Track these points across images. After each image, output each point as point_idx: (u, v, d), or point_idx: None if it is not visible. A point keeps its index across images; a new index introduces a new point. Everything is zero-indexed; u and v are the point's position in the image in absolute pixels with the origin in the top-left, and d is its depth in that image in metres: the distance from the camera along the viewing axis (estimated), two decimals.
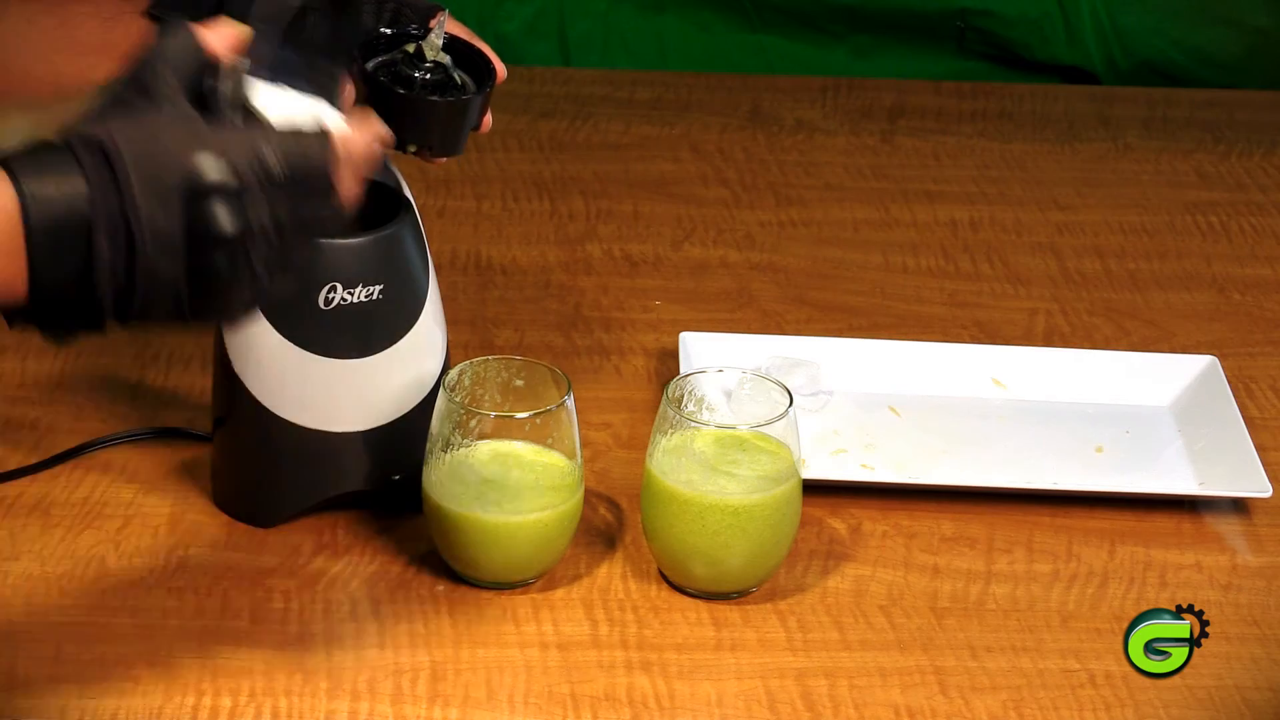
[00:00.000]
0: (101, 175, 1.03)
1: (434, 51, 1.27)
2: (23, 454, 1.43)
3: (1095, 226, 1.85)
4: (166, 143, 1.04)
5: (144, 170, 1.03)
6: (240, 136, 1.06)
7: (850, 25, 2.26)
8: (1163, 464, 1.50)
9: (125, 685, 1.23)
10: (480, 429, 1.31)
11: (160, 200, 1.03)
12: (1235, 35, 2.26)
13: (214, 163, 1.04)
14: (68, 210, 1.03)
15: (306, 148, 1.07)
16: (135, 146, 1.04)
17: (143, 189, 1.03)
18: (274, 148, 1.06)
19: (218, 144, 1.05)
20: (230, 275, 1.05)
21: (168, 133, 1.05)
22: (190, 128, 1.05)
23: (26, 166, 1.03)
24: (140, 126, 1.05)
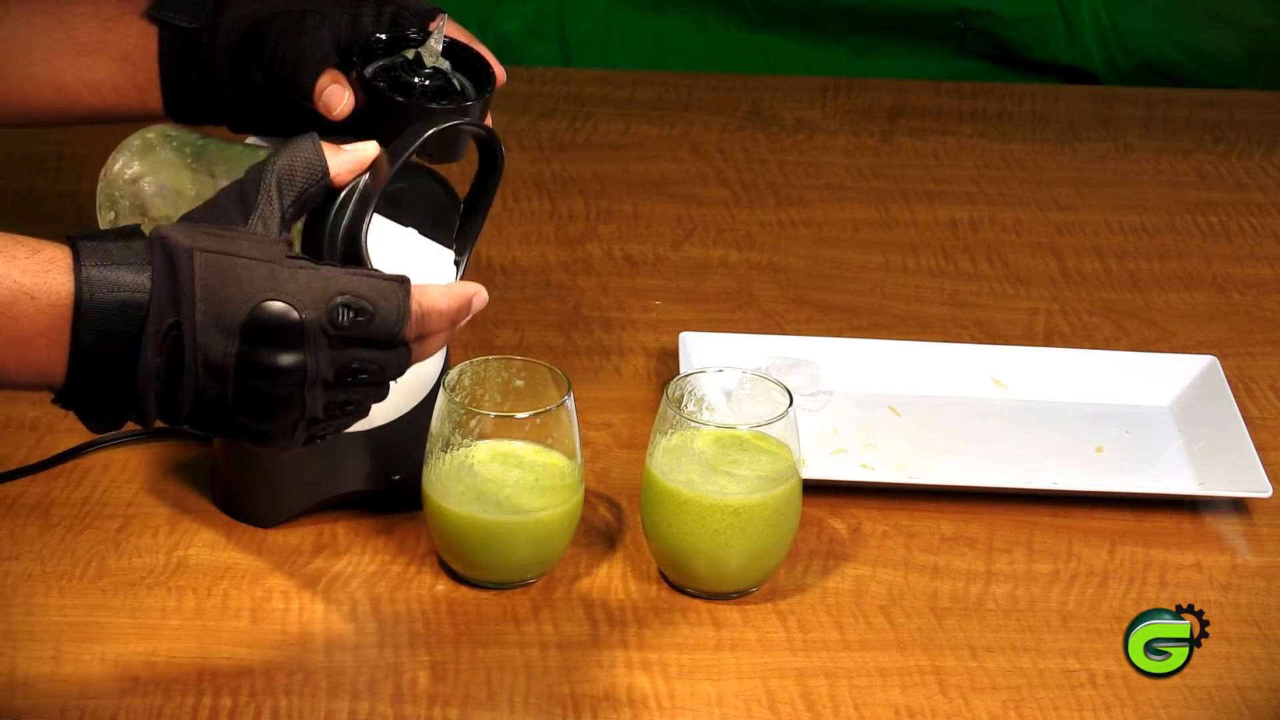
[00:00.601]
0: (165, 284, 1.02)
1: (433, 57, 1.27)
2: (23, 454, 1.43)
3: (1095, 226, 1.85)
4: (240, 275, 1.03)
5: (211, 296, 1.02)
6: (315, 284, 1.04)
7: (850, 25, 2.26)
8: (1163, 464, 1.50)
9: (125, 685, 1.23)
10: (480, 429, 1.31)
11: (219, 330, 1.03)
12: (1235, 35, 2.25)
13: (281, 307, 1.03)
14: (121, 307, 1.02)
15: (381, 305, 1.06)
16: (209, 270, 1.02)
17: (204, 315, 1.02)
18: (347, 301, 1.04)
19: (290, 288, 1.03)
20: (282, 411, 1.05)
21: (245, 265, 1.03)
22: (269, 265, 1.04)
23: (94, 252, 1.02)
24: (221, 250, 1.03)
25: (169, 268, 1.02)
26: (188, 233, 1.04)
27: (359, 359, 1.06)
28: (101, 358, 1.03)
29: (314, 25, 1.29)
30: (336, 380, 1.06)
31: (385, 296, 1.06)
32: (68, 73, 1.35)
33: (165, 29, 1.33)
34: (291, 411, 1.05)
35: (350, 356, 1.06)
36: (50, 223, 1.75)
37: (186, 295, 1.02)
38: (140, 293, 1.02)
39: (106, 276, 1.02)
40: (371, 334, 1.06)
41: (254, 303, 1.03)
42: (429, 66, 1.27)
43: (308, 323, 1.04)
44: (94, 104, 1.36)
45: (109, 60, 1.34)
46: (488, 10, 2.23)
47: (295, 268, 1.05)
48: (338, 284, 1.05)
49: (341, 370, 1.06)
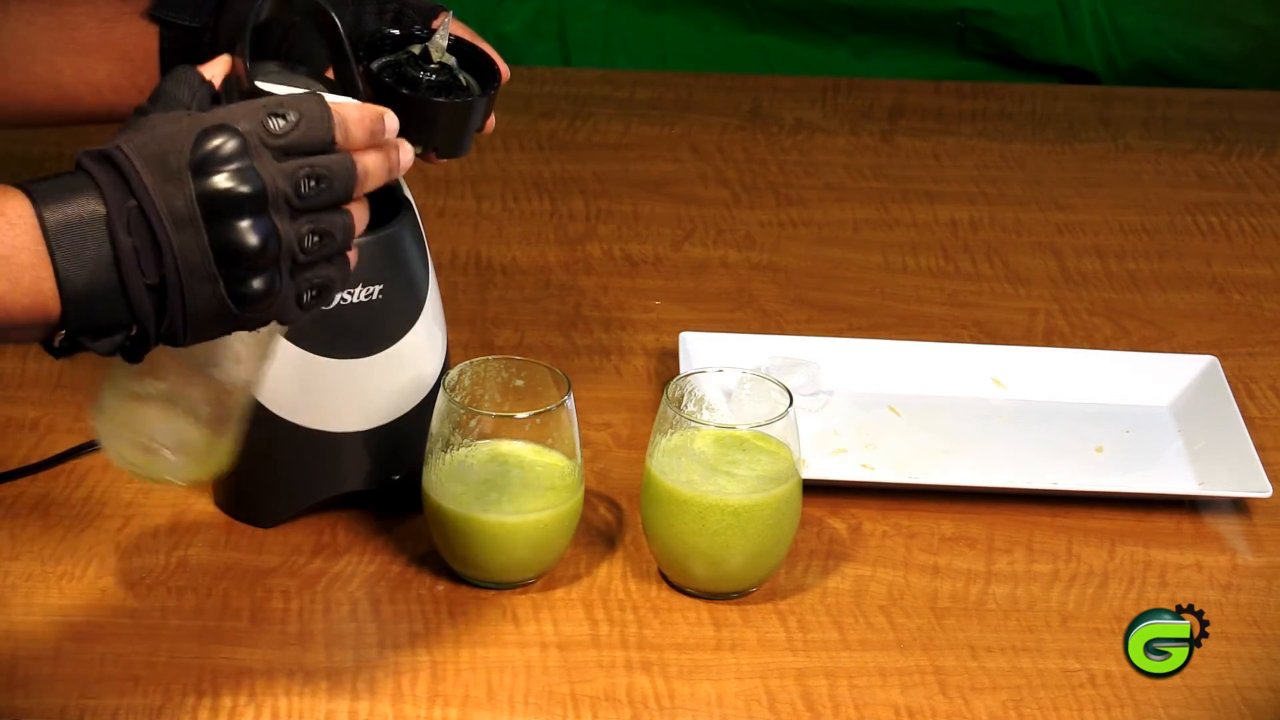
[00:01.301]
0: (110, 175, 1.04)
1: (439, 53, 1.27)
2: (23, 454, 1.43)
3: (1095, 226, 1.85)
4: (168, 131, 1.05)
5: (149, 160, 1.04)
6: (240, 107, 1.06)
7: (850, 25, 2.26)
8: (1163, 464, 1.50)
9: (125, 685, 1.23)
10: (480, 429, 1.31)
11: (170, 180, 1.04)
12: (1235, 35, 2.26)
13: (217, 132, 1.04)
14: (82, 211, 1.03)
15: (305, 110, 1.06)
16: (138, 143, 1.05)
17: (150, 175, 1.03)
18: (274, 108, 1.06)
19: (217, 117, 1.05)
20: (260, 246, 1.04)
21: (168, 126, 1.05)
22: (191, 117, 1.06)
23: (40, 185, 1.04)
24: (142, 129, 1.06)
25: (107, 164, 1.04)
26: (114, 139, 1.06)
27: (307, 168, 1.06)
28: (82, 260, 1.03)
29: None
30: (297, 195, 1.06)
31: (304, 101, 1.07)
32: (68, 73, 1.35)
33: (166, 28, 1.33)
34: (268, 242, 1.05)
35: (297, 166, 1.06)
36: None
37: (131, 173, 1.04)
38: (91, 192, 1.04)
39: (57, 187, 1.04)
40: (306, 138, 1.07)
41: (190, 138, 1.04)
42: (435, 62, 1.27)
43: (246, 134, 1.05)
44: (94, 104, 1.36)
45: (109, 60, 1.34)
46: (488, 10, 2.23)
47: (215, 109, 1.07)
48: (258, 101, 1.07)
49: (295, 184, 1.06)
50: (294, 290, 1.07)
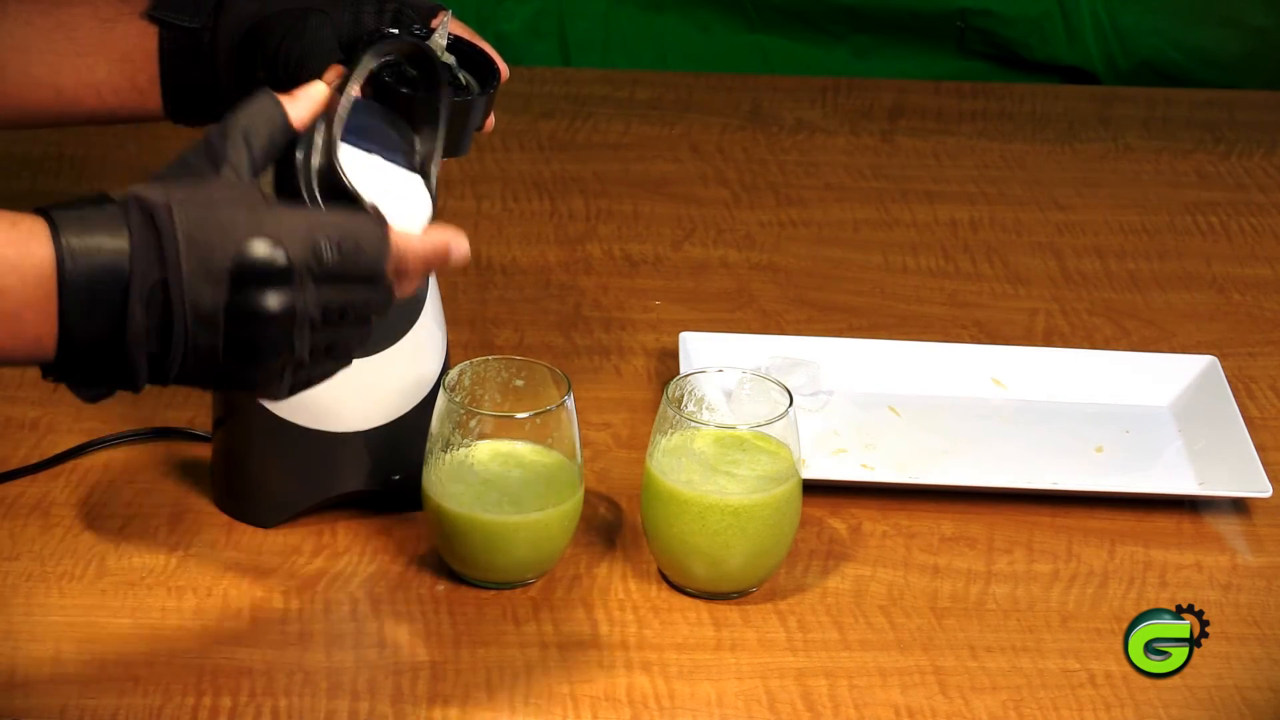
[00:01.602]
0: (146, 242, 1.01)
1: (439, 51, 1.27)
2: (23, 454, 1.43)
3: (1095, 226, 1.85)
4: (222, 221, 1.02)
5: (195, 247, 1.02)
6: (297, 222, 1.04)
7: (850, 25, 2.26)
8: (1163, 464, 1.50)
9: (125, 685, 1.23)
10: (480, 429, 1.31)
11: (207, 279, 1.02)
12: (1235, 35, 2.25)
13: (267, 249, 1.02)
14: (105, 271, 1.01)
15: (363, 241, 1.05)
16: (189, 221, 1.02)
17: (190, 266, 1.02)
18: (330, 237, 1.04)
19: (274, 228, 1.03)
20: (271, 354, 1.04)
21: (225, 211, 1.03)
22: (249, 208, 1.03)
23: (70, 220, 1.02)
24: (198, 200, 1.03)
25: (148, 225, 1.02)
26: (162, 189, 1.03)
27: (344, 297, 1.05)
28: (90, 323, 1.02)
29: (316, 24, 1.29)
30: (323, 319, 1.05)
31: (366, 232, 1.06)
32: (67, 74, 1.34)
33: (165, 29, 1.33)
34: (280, 355, 1.05)
35: (335, 294, 1.05)
36: None
37: (170, 249, 1.01)
38: (121, 254, 1.01)
39: (86, 243, 1.01)
40: (355, 270, 1.05)
41: (240, 246, 1.02)
42: None
43: (295, 261, 1.03)
44: (93, 105, 1.36)
45: (108, 61, 1.34)
46: (488, 10, 2.23)
47: (276, 208, 1.05)
48: (319, 221, 1.05)
49: (327, 309, 1.05)
50: (288, 382, 1.07)
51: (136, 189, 1.03)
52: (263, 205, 1.04)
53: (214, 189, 1.04)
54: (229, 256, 1.02)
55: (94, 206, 1.02)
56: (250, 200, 1.04)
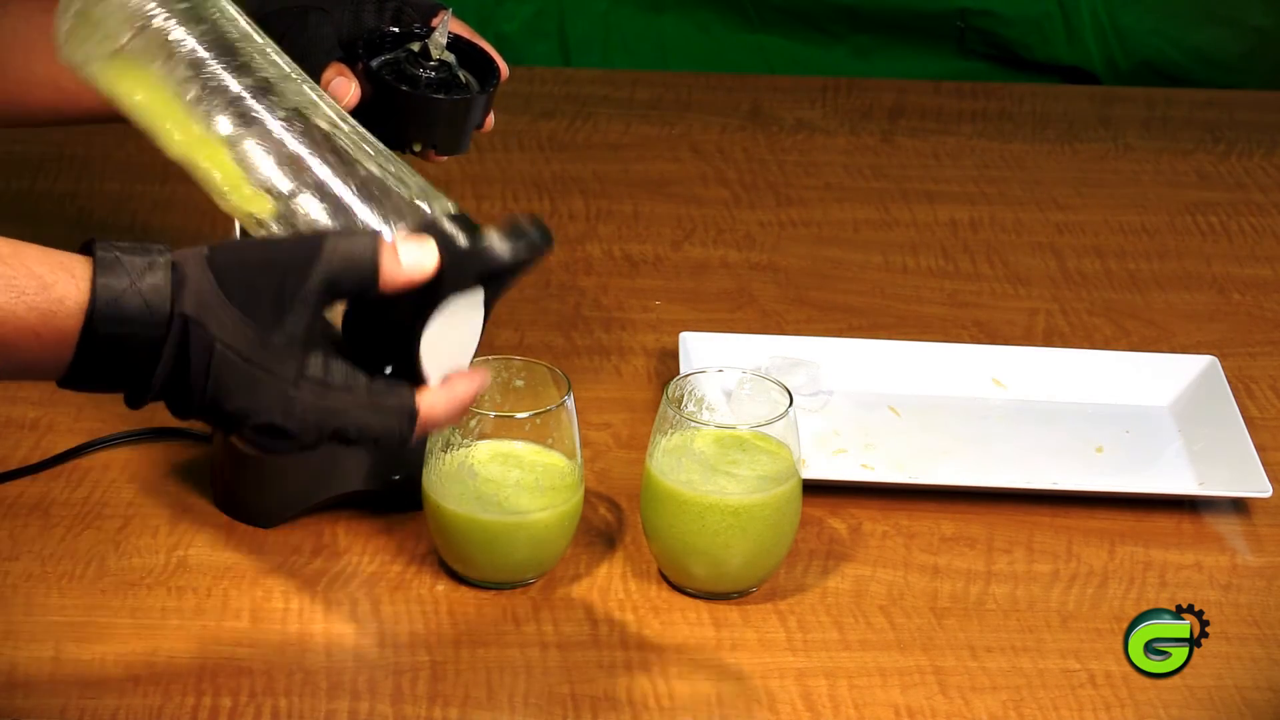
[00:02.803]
0: (174, 373, 1.02)
1: (439, 50, 1.27)
2: (23, 454, 1.43)
3: (1095, 226, 1.85)
4: (251, 387, 1.02)
5: (216, 404, 1.02)
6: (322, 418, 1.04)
7: (850, 25, 2.26)
8: (1163, 464, 1.50)
9: (125, 685, 1.23)
10: (480, 429, 1.31)
11: (219, 425, 1.04)
12: (1235, 35, 2.25)
13: (276, 427, 1.03)
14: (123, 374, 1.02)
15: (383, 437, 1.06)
16: (222, 372, 1.02)
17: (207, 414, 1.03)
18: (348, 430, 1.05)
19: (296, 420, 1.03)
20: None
21: (259, 380, 1.02)
22: (281, 386, 1.02)
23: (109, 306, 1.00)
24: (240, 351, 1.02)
25: (182, 351, 1.01)
26: (216, 318, 1.02)
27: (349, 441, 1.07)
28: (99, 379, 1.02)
29: (316, 21, 1.29)
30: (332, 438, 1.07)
31: (389, 429, 1.06)
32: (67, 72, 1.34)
33: None
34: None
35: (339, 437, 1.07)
36: (50, 223, 1.75)
37: (198, 385, 1.02)
38: (145, 353, 1.01)
39: (115, 331, 1.01)
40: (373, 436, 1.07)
41: (256, 420, 1.03)
42: (434, 59, 1.27)
43: (305, 439, 1.04)
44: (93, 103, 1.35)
45: None
46: (488, 10, 2.23)
47: (307, 391, 1.03)
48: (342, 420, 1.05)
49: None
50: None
51: (189, 307, 1.01)
52: (297, 385, 1.03)
53: (260, 349, 1.02)
54: (243, 422, 1.03)
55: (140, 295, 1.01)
56: (288, 375, 1.03)
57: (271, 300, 1.02)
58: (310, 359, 1.03)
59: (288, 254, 1.03)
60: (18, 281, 1.00)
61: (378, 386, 1.05)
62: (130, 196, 1.80)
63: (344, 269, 1.02)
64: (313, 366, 1.03)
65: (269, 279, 1.02)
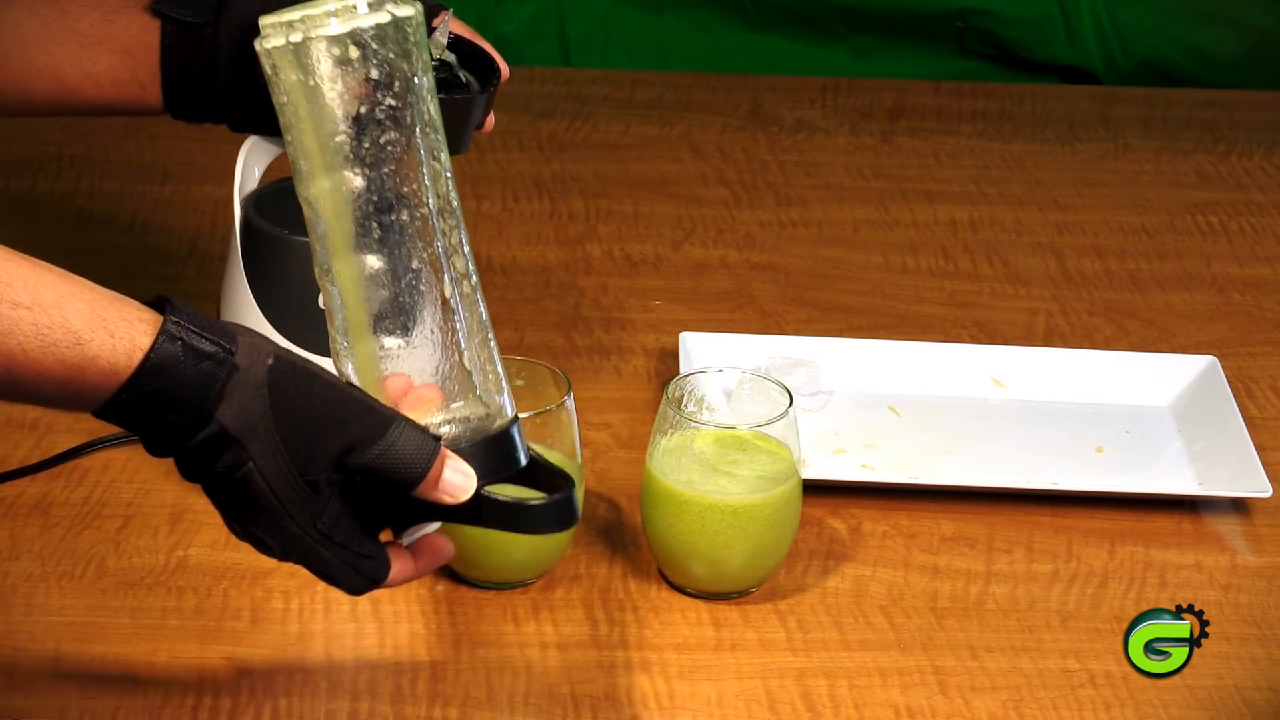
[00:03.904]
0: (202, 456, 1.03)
1: (439, 50, 1.27)
2: (23, 454, 1.43)
3: (1095, 226, 1.85)
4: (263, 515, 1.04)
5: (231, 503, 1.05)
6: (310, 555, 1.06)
7: (850, 25, 2.26)
8: (1163, 464, 1.50)
9: (125, 685, 1.23)
10: None
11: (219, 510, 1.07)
12: (1235, 35, 2.26)
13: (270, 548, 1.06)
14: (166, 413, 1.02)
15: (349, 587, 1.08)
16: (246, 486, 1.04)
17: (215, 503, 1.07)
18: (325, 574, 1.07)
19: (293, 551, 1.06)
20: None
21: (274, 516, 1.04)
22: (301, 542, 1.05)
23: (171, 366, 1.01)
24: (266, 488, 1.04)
25: (210, 452, 1.03)
26: (259, 440, 1.03)
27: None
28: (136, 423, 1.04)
29: None
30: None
31: (351, 586, 1.08)
32: (68, 64, 1.34)
33: (168, 23, 1.33)
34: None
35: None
36: (50, 223, 1.75)
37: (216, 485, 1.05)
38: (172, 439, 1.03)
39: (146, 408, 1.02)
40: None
41: (253, 533, 1.06)
42: (435, 59, 1.27)
43: (281, 559, 1.07)
44: (93, 96, 1.35)
45: (110, 53, 1.34)
46: (488, 10, 2.23)
47: (310, 538, 1.05)
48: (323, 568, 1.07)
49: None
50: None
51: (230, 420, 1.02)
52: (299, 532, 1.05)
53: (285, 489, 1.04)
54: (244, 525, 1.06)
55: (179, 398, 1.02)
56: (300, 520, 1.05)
57: (321, 456, 1.03)
58: (326, 513, 1.05)
59: (356, 423, 1.04)
60: (51, 334, 1.01)
61: (366, 549, 1.07)
62: (130, 196, 1.80)
63: (396, 466, 1.04)
64: (325, 520, 1.05)
65: (326, 436, 1.03)
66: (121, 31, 1.34)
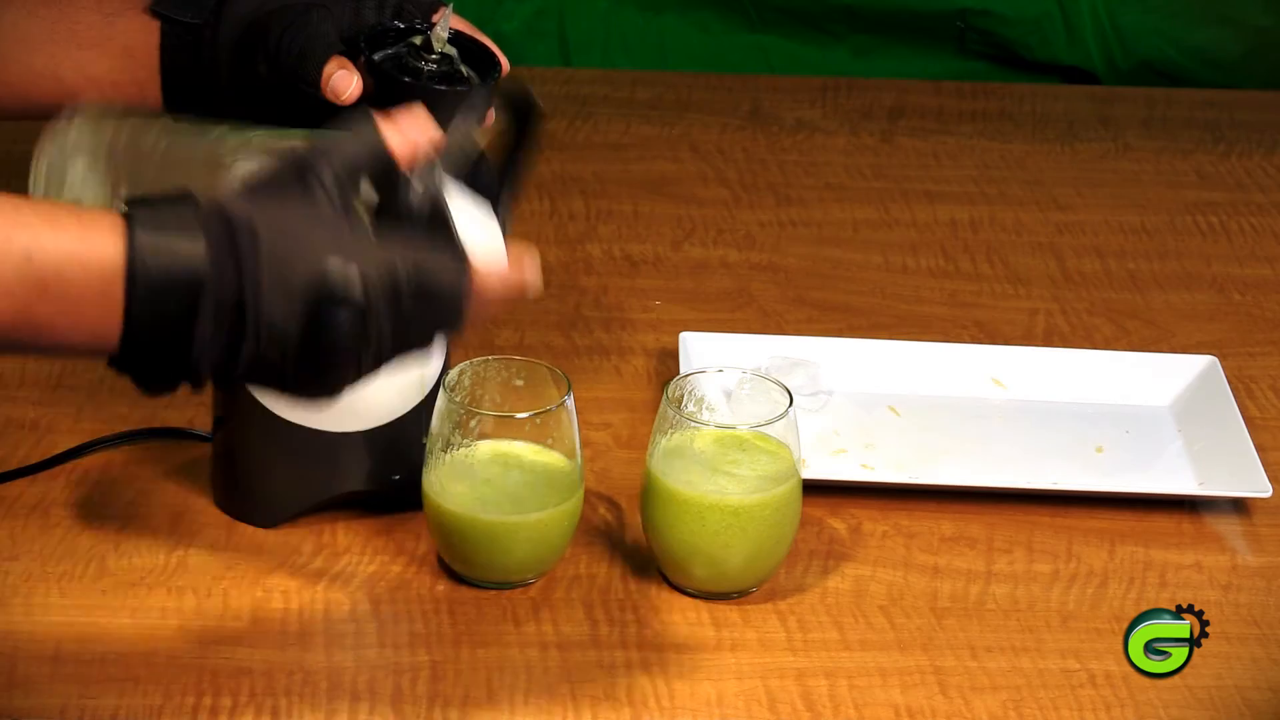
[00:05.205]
0: (224, 258, 1.01)
1: (440, 44, 1.28)
2: (23, 454, 1.43)
3: (1095, 226, 1.85)
4: (303, 240, 1.02)
5: (274, 259, 1.01)
6: (379, 253, 1.04)
7: (850, 25, 2.26)
8: (1163, 464, 1.50)
9: (125, 685, 1.23)
10: (480, 429, 1.31)
11: (283, 297, 1.02)
12: (1235, 35, 2.25)
13: (344, 271, 1.02)
14: (177, 279, 1.00)
15: (443, 278, 1.06)
16: (272, 237, 1.01)
17: (268, 284, 1.01)
18: (410, 271, 1.04)
19: (355, 255, 1.03)
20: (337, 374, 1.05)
21: (309, 231, 1.02)
22: (334, 231, 1.03)
23: (146, 219, 1.01)
24: (284, 218, 1.02)
25: (228, 240, 1.01)
26: (248, 204, 1.02)
27: (416, 331, 1.06)
28: (156, 327, 1.01)
29: (318, 18, 1.29)
30: (393, 344, 1.06)
31: (447, 274, 1.06)
32: (68, 66, 1.34)
33: (167, 24, 1.33)
34: (346, 375, 1.05)
35: (408, 329, 1.06)
36: None
37: (249, 269, 1.01)
38: (195, 263, 1.01)
39: (159, 243, 1.00)
40: (431, 310, 1.06)
41: (318, 267, 1.02)
42: (436, 52, 1.27)
43: (370, 288, 1.03)
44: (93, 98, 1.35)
45: (110, 55, 1.34)
46: (487, 9, 2.23)
47: (359, 233, 1.04)
48: (400, 255, 1.05)
49: (397, 335, 1.05)
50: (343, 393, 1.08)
51: (222, 199, 1.02)
52: (347, 229, 1.04)
53: (301, 207, 1.03)
54: (307, 276, 1.02)
55: (174, 206, 1.02)
56: (335, 224, 1.04)
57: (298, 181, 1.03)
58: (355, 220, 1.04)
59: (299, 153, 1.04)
60: (57, 216, 1.01)
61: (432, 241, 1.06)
62: None
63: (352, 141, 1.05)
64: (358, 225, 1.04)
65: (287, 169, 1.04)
66: (121, 33, 1.34)
